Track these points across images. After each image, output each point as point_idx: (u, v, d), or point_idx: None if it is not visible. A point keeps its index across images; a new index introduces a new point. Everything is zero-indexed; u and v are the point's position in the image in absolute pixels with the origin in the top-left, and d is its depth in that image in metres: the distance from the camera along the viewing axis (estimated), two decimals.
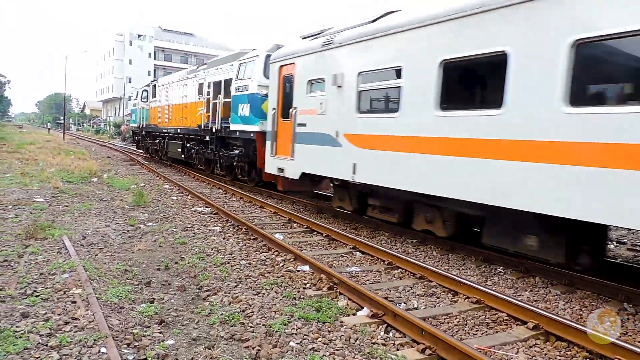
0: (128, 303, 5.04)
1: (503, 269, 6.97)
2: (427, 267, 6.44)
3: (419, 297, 5.75)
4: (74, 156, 23.02)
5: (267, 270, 6.50)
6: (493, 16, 6.18)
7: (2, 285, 5.22)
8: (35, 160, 19.56)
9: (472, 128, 6.51)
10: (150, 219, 9.67)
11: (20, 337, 4.01)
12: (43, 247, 6.85)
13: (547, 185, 5.53)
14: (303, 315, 4.87)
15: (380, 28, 8.28)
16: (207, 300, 5.29)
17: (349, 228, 9.58)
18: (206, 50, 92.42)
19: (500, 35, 6.08)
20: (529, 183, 5.73)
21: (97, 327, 4.30)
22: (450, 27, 6.84)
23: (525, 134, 5.81)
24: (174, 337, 4.32)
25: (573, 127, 5.28)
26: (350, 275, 6.42)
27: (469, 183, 6.53)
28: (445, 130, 6.95)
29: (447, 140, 6.89)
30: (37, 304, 4.78)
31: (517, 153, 5.88)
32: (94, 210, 10.11)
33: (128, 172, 19.03)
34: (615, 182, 4.90)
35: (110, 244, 7.48)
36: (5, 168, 16.36)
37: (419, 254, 7.81)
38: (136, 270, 6.21)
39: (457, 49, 6.72)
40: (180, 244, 7.74)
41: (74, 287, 5.28)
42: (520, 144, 5.86)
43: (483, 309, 5.35)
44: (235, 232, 8.84)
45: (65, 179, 14.38)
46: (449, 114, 6.91)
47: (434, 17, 7.12)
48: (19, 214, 8.99)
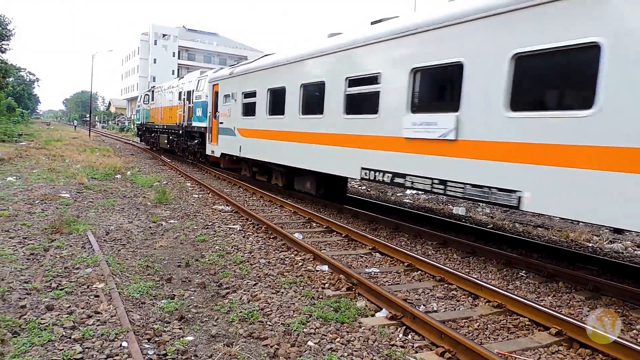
0: (149, 298, 5.12)
1: (525, 273, 6.85)
2: (447, 270, 6.37)
3: (438, 299, 5.69)
4: (99, 153, 23.47)
5: (286, 269, 6.52)
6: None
7: (29, 278, 5.35)
8: (62, 157, 20.03)
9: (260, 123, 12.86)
10: (171, 216, 9.80)
11: (44, 329, 4.11)
12: (68, 242, 7.01)
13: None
14: (321, 315, 4.87)
15: (253, 67, 13.99)
16: (226, 297, 5.33)
17: (369, 229, 9.54)
18: (229, 50, 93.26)
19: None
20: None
21: (118, 321, 4.37)
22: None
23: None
24: (194, 334, 4.36)
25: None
26: (369, 276, 6.39)
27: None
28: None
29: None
30: (61, 297, 4.89)
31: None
32: (118, 207, 10.30)
33: (151, 169, 19.32)
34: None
35: (133, 240, 7.61)
36: (34, 164, 16.79)
37: (439, 256, 7.73)
38: (157, 267, 6.30)
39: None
40: (200, 241, 7.82)
41: (97, 281, 5.39)
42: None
43: (504, 314, 5.26)
44: (255, 230, 8.89)
45: (90, 175, 14.68)
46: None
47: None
48: (46, 209, 9.21)
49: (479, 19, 6.61)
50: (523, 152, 6.03)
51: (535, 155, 5.89)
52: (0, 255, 6.09)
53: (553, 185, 5.71)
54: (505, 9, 6.22)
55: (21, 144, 26.11)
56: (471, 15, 6.73)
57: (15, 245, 6.61)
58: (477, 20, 6.64)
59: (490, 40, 6.47)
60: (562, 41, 5.57)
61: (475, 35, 6.68)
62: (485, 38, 6.54)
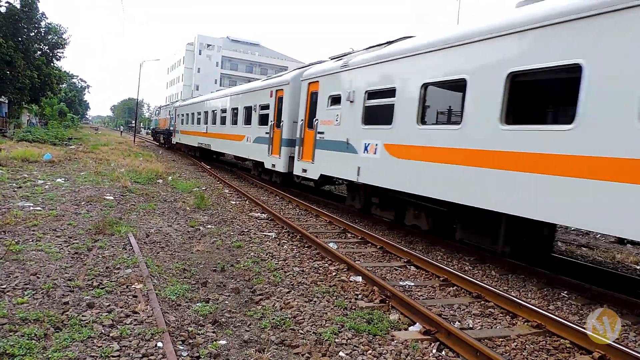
0: (185, 301, 5.21)
1: (567, 293, 6.58)
2: (484, 287, 6.20)
3: (474, 316, 5.54)
4: (143, 158, 24.24)
5: (319, 278, 6.51)
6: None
7: (72, 276, 5.56)
8: (108, 161, 20.81)
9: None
10: (209, 222, 9.98)
11: (85, 326, 4.24)
12: (110, 243, 7.24)
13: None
14: (354, 326, 4.83)
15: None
16: (259, 304, 5.37)
17: (404, 241, 9.42)
18: (270, 60, 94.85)
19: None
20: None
21: (155, 322, 4.47)
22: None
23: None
24: (226, 338, 4.41)
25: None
26: (404, 289, 6.30)
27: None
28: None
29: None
30: (101, 295, 5.05)
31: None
32: (158, 210, 10.58)
33: (191, 175, 19.78)
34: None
35: (172, 243, 7.79)
36: (81, 167, 17.50)
37: (476, 272, 7.54)
38: (194, 270, 6.42)
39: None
40: (236, 247, 7.92)
41: (136, 282, 5.54)
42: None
43: (544, 334, 5.07)
44: (290, 239, 8.94)
45: (134, 179, 15.17)
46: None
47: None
48: (91, 210, 9.57)
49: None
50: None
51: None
52: (47, 253, 6.36)
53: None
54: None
55: (70, 148, 27.29)
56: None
57: (61, 244, 6.88)
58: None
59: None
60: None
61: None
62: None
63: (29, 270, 5.61)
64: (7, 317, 4.27)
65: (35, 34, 37.24)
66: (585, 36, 5.84)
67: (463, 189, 7.59)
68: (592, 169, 5.69)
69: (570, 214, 5.98)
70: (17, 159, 16.94)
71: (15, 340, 3.82)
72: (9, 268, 5.60)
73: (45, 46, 38.83)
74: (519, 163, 6.61)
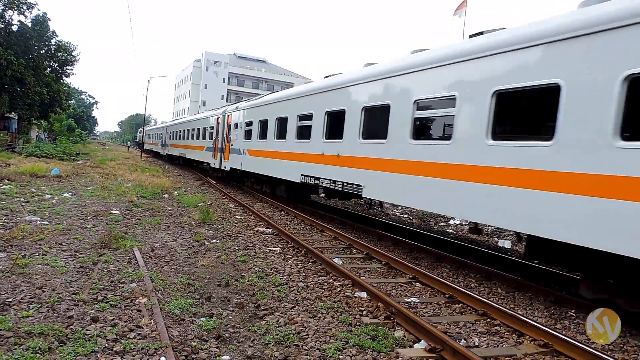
0: (189, 315, 5.20)
1: (575, 312, 6.50)
2: (491, 304, 6.14)
3: (480, 334, 5.49)
4: (149, 173, 24.37)
5: (324, 293, 6.48)
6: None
7: (77, 290, 5.57)
8: (114, 175, 20.94)
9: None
10: (214, 236, 9.99)
11: (89, 340, 4.24)
12: (115, 257, 7.26)
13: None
14: (358, 343, 4.79)
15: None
16: (263, 319, 5.34)
17: (410, 257, 9.37)
18: (276, 76, 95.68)
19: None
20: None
21: (158, 336, 4.46)
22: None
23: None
24: (230, 353, 4.39)
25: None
26: (409, 306, 6.26)
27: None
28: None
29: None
30: (106, 309, 5.05)
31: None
32: (164, 225, 10.61)
33: (197, 190, 19.85)
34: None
35: (176, 257, 7.80)
36: (88, 181, 17.63)
37: (482, 289, 7.48)
38: (198, 285, 6.41)
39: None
40: (241, 262, 7.91)
41: (140, 296, 5.54)
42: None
43: (551, 354, 5.00)
44: (295, 254, 8.92)
45: (140, 193, 15.25)
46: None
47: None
48: (97, 225, 9.61)
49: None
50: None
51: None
52: (53, 266, 6.39)
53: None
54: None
55: (78, 163, 27.51)
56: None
57: (67, 258, 6.91)
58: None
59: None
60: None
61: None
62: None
63: (35, 283, 5.63)
64: (12, 330, 4.28)
65: (46, 52, 37.84)
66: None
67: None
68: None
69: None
70: (25, 173, 17.10)
71: (20, 354, 3.83)
72: (15, 281, 5.63)
73: (55, 63, 39.34)
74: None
